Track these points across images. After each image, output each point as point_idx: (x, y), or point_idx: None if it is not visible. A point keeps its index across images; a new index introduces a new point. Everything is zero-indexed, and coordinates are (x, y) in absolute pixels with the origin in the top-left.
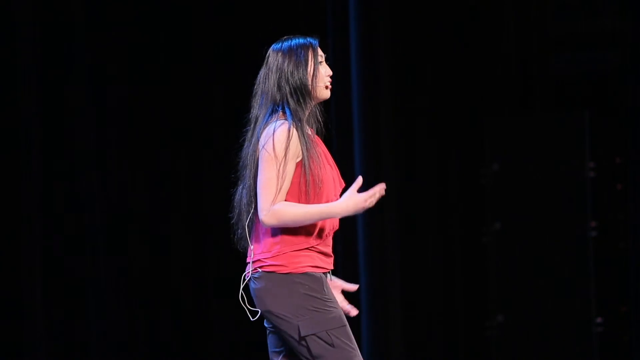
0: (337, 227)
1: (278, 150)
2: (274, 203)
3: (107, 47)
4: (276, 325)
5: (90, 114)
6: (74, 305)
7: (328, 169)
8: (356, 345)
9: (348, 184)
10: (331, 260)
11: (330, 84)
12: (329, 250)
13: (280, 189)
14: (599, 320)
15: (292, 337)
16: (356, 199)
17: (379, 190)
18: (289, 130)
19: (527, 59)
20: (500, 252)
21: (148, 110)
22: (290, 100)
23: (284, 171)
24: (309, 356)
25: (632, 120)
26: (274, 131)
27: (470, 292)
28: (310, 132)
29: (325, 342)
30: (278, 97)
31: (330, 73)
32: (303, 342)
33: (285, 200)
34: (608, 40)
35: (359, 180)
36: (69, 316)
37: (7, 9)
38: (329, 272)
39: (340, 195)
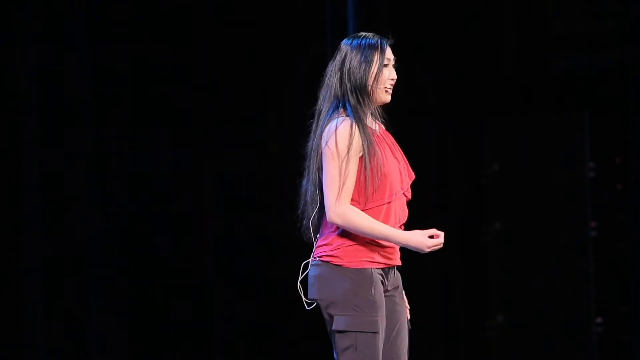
0: (405, 221)
1: (340, 147)
2: (339, 200)
3: (108, 48)
4: (321, 313)
5: (91, 111)
6: (74, 305)
7: (393, 163)
8: (379, 355)
9: None
10: (396, 255)
11: (392, 88)
12: (395, 245)
13: (344, 185)
14: (599, 320)
15: (329, 327)
16: (422, 240)
17: (442, 237)
18: (351, 127)
19: (527, 59)
20: (500, 252)
21: (148, 110)
22: (350, 97)
23: (346, 168)
24: (336, 349)
25: (632, 120)
26: (336, 128)
27: (470, 292)
28: (375, 128)
29: (351, 342)
30: (340, 93)
31: (394, 77)
32: (334, 335)
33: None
34: (608, 40)
35: (440, 233)
36: (69, 316)
37: (7, 9)
38: (393, 267)
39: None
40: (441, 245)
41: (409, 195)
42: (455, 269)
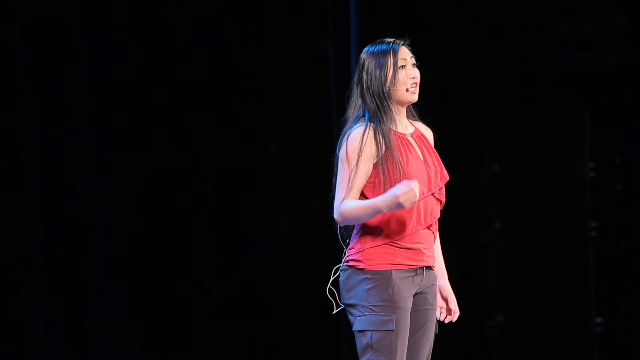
0: (432, 223)
1: (350, 154)
2: (341, 202)
3: (108, 49)
4: (347, 316)
5: (90, 112)
6: (74, 305)
7: (417, 165)
8: (398, 354)
9: None
10: (422, 256)
11: (416, 86)
12: (419, 245)
13: (350, 190)
14: (599, 320)
15: (353, 328)
16: (393, 192)
17: (415, 184)
18: (363, 134)
19: (528, 59)
20: (500, 252)
21: (148, 109)
22: (370, 104)
23: (355, 173)
24: (357, 348)
25: (632, 120)
26: (348, 136)
27: (470, 292)
28: (408, 130)
29: (367, 341)
30: (360, 101)
31: (415, 76)
32: (355, 335)
33: (365, 198)
34: (608, 40)
35: (408, 182)
36: (69, 316)
37: (8, 9)
38: (422, 268)
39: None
40: (415, 191)
41: (442, 198)
42: (455, 269)
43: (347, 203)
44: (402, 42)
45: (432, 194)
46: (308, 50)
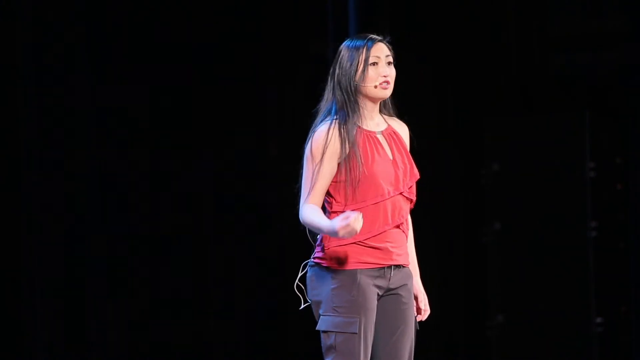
0: (401, 222)
1: (314, 151)
2: (307, 202)
3: (108, 48)
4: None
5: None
6: (74, 304)
7: (384, 164)
8: (362, 356)
9: None
10: (391, 255)
11: (387, 84)
12: (387, 244)
13: (313, 187)
14: (599, 320)
15: (316, 327)
16: (333, 224)
17: (353, 218)
18: (328, 131)
19: (527, 59)
20: (500, 252)
21: (148, 109)
22: (339, 97)
23: (319, 171)
24: (322, 347)
25: (632, 120)
26: (314, 132)
27: (470, 292)
28: (379, 127)
29: (331, 341)
30: (331, 95)
31: (385, 73)
32: (320, 334)
33: (331, 197)
34: (608, 40)
35: (350, 214)
36: (69, 315)
37: (8, 9)
38: (392, 267)
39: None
40: (353, 227)
41: (412, 196)
42: (455, 269)
43: (307, 210)
44: (379, 39)
45: (401, 193)
46: (308, 50)
